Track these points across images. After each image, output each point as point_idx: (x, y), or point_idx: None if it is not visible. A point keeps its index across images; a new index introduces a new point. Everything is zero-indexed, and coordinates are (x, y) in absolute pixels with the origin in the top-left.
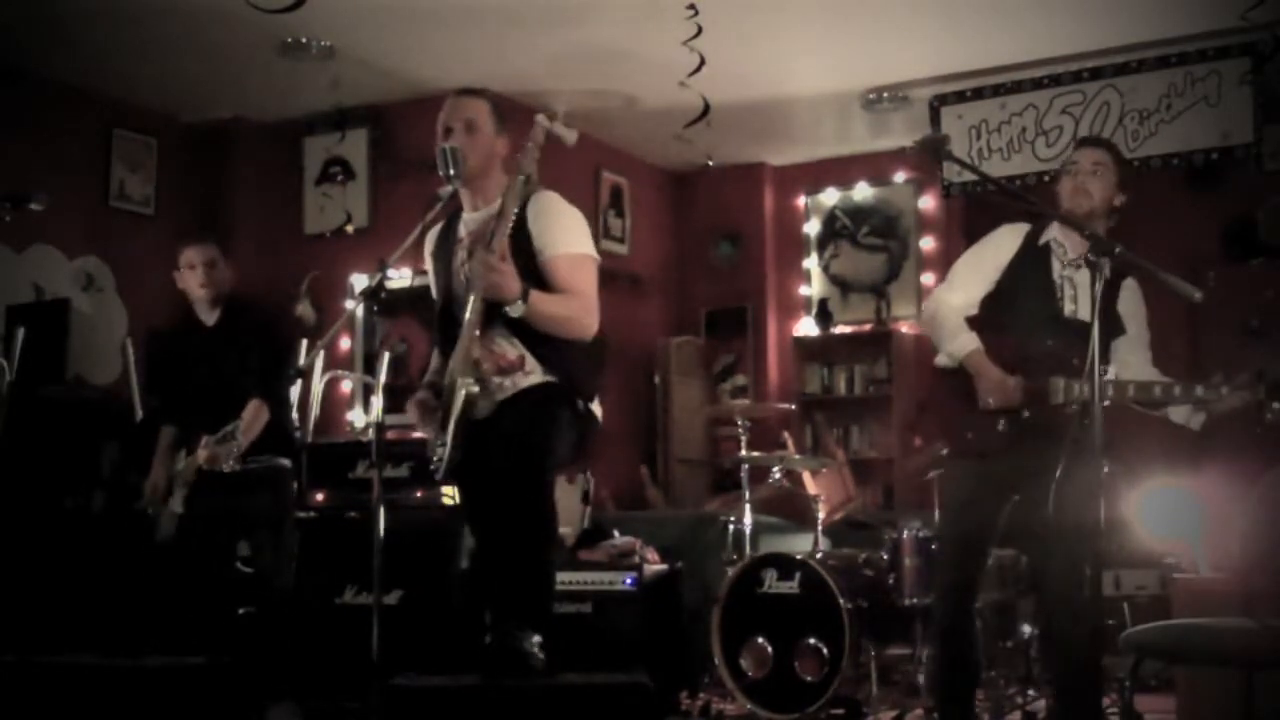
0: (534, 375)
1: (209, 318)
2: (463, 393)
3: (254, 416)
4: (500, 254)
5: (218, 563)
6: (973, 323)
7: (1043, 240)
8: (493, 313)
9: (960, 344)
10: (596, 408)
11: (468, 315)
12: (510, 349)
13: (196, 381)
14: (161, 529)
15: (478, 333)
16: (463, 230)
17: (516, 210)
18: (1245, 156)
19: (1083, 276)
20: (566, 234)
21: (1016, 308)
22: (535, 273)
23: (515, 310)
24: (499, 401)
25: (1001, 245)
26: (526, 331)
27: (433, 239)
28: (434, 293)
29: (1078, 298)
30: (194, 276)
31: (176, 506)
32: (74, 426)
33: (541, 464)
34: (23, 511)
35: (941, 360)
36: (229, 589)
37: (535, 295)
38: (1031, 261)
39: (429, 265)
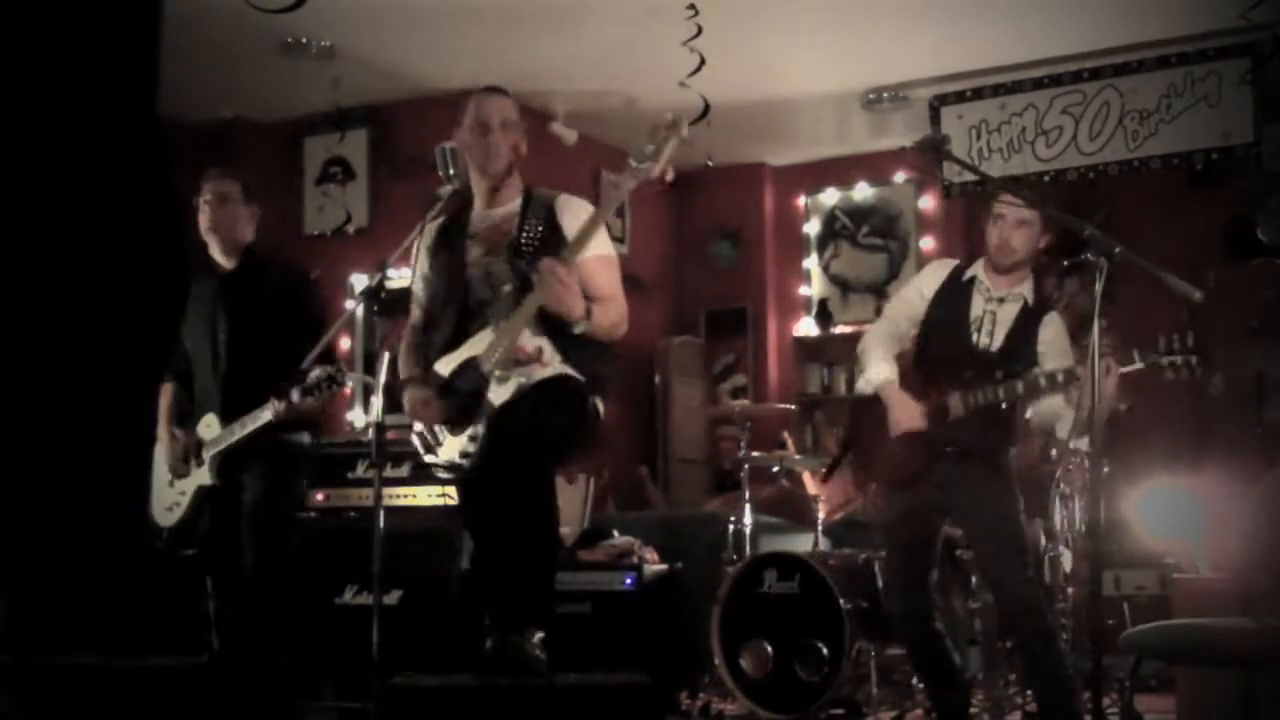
0: (549, 367)
1: (225, 263)
2: (508, 386)
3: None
4: (572, 273)
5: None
6: (906, 354)
7: (966, 276)
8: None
9: (877, 373)
10: (599, 404)
11: (496, 310)
12: (529, 341)
13: (206, 336)
14: (177, 515)
15: (524, 331)
16: (476, 225)
17: (533, 212)
18: (1245, 156)
19: (1005, 312)
20: (596, 236)
21: (934, 338)
22: None
23: (579, 327)
24: (514, 394)
25: (927, 280)
26: (551, 324)
27: (432, 233)
28: (420, 285)
29: (994, 332)
30: (203, 215)
31: (205, 478)
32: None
33: (552, 459)
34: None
35: (861, 386)
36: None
37: (594, 310)
38: (952, 295)
39: (424, 258)
